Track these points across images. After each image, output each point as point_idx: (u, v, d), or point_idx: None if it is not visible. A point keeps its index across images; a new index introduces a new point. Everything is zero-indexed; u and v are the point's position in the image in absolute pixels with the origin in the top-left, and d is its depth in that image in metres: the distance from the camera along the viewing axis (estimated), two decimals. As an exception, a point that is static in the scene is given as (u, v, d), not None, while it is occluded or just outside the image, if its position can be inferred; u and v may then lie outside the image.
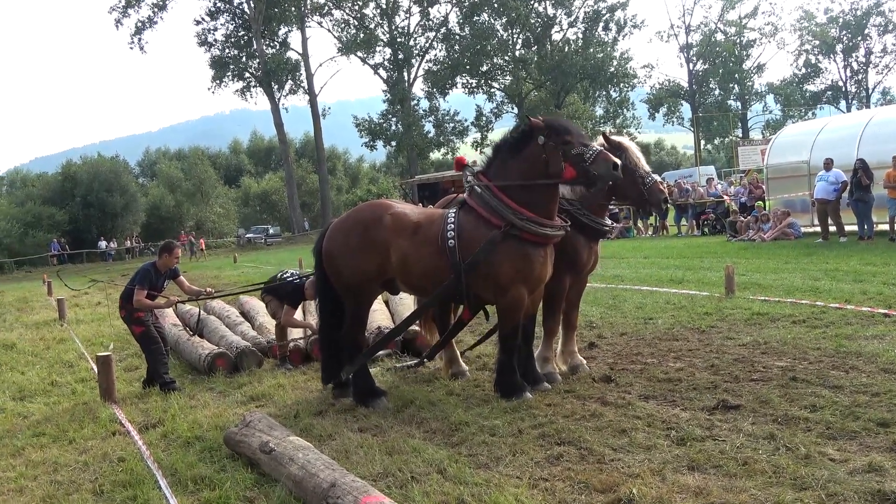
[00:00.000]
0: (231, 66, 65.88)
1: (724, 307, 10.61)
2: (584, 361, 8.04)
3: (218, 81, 66.01)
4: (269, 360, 9.79)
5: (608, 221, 8.11)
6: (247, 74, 66.51)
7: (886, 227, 18.27)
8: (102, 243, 56.80)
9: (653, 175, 7.63)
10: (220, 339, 10.38)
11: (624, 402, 6.63)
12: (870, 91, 76.13)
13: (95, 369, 9.08)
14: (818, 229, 19.83)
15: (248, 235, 65.31)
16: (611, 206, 8.56)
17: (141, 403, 8.20)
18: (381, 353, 9.00)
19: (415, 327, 9.27)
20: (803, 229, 21.04)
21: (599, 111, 73.75)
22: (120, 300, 9.01)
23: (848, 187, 18.31)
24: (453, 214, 7.08)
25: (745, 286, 12.10)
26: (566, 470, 5.11)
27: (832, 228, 19.15)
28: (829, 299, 10.48)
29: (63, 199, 58.26)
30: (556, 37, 70.00)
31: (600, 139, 7.65)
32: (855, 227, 18.70)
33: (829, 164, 18.96)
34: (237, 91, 67.50)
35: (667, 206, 7.73)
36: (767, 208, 22.75)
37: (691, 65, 75.82)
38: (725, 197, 27.20)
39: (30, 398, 9.02)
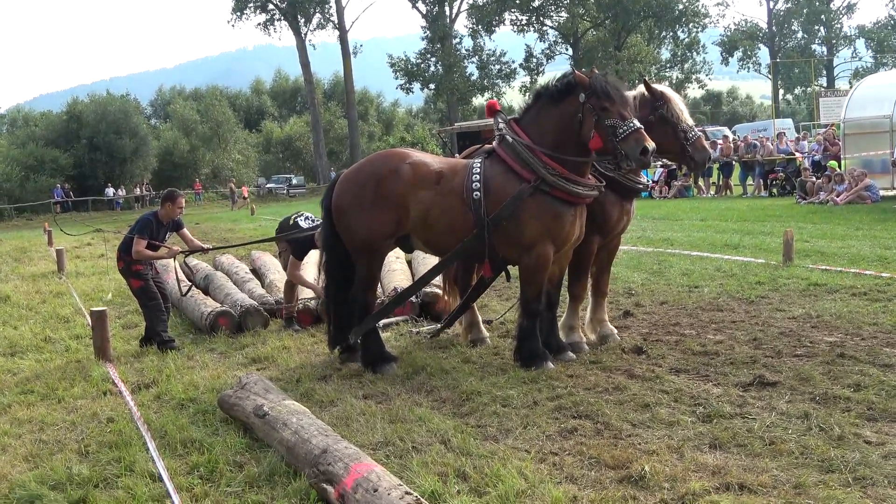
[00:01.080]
0: (253, -4, 65.98)
1: (779, 276, 10.68)
2: (615, 331, 8.19)
3: (238, 13, 66.24)
4: (275, 320, 10.06)
5: (643, 178, 8.14)
6: (270, 6, 66.58)
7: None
8: (110, 190, 57.52)
9: (696, 129, 7.63)
10: (226, 296, 10.69)
11: (652, 375, 6.80)
12: (977, 36, 74.31)
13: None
14: (900, 193, 19.64)
15: (268, 185, 65.79)
16: (664, 161, 8.66)
17: (136, 363, 8.53)
18: (395, 317, 9.22)
19: (435, 289, 9.48)
20: (882, 192, 20.83)
21: (666, 54, 72.90)
22: (118, 251, 9.27)
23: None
24: (479, 164, 7.24)
25: (806, 254, 12.14)
26: (578, 444, 5.31)
27: (914, 192, 18.97)
28: (897, 271, 10.50)
29: (68, 141, 58.92)
30: (619, -32, 69.08)
31: (641, 87, 7.73)
32: (940, 191, 18.52)
33: (913, 120, 18.74)
34: (259, 25, 67.74)
35: (710, 164, 7.89)
36: (843, 168, 22.54)
37: (771, 3, 74.49)
38: (797, 154, 26.90)
39: (21, 354, 9.38)
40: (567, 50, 70.59)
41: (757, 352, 7.32)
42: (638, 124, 6.75)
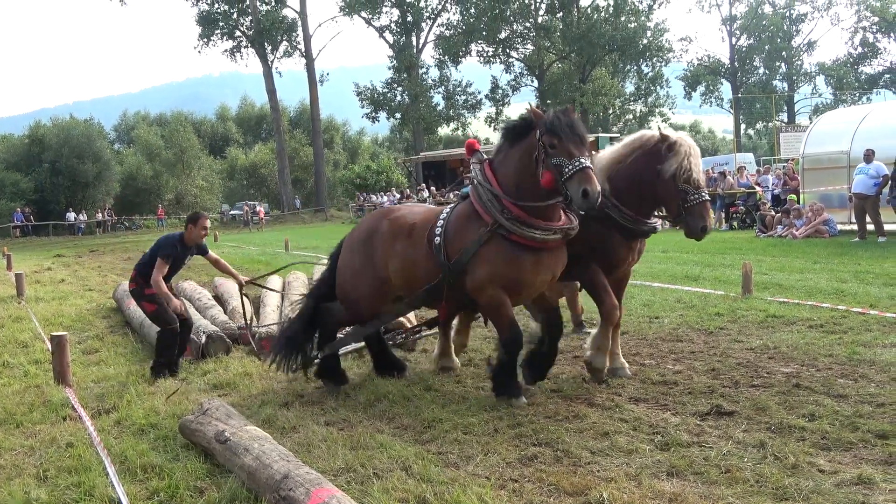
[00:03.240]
0: (220, 23, 66.16)
1: (738, 308, 10.84)
2: (627, 365, 8.02)
3: (205, 40, 66.53)
4: (237, 347, 10.05)
5: (652, 221, 7.68)
6: (237, 33, 66.83)
7: (930, 227, 18.44)
8: (71, 215, 57.17)
9: (703, 193, 7.12)
10: (188, 322, 10.65)
11: (612, 403, 6.88)
12: (934, 76, 75.88)
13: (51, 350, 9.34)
14: (856, 227, 19.99)
15: (232, 212, 65.62)
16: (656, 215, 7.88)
17: (97, 388, 8.48)
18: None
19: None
20: (840, 227, 21.20)
21: (630, 87, 73.97)
22: (134, 271, 9.05)
23: (889, 182, 18.45)
24: (448, 210, 7.30)
25: (764, 286, 12.32)
26: (538, 471, 5.36)
27: (870, 227, 19.32)
28: (853, 303, 10.69)
29: (29, 164, 58.57)
30: (584, 2, 70.01)
31: (654, 130, 7.43)
32: (895, 227, 18.86)
33: (869, 156, 19.11)
34: (226, 51, 67.88)
35: (705, 233, 7.16)
36: (801, 202, 22.91)
37: (734, 39, 75.73)
38: (757, 188, 27.30)
39: (-23, 379, 9.27)
40: (533, 82, 71.35)
41: (715, 382, 7.43)
42: (585, 163, 6.32)
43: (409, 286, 7.38)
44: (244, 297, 9.76)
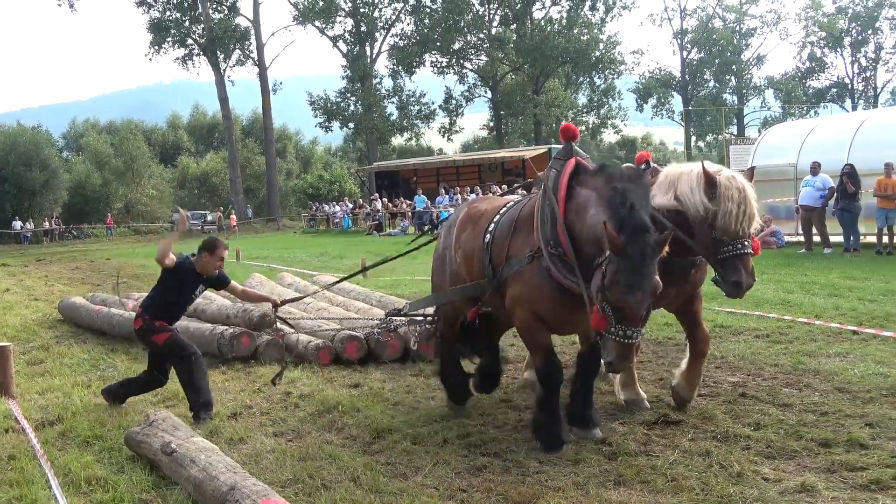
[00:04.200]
0: (172, 31, 65.59)
1: (687, 318, 10.95)
2: (645, 397, 7.24)
3: (156, 48, 65.78)
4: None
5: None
6: (189, 41, 66.26)
7: (874, 238, 18.79)
8: (17, 223, 56.21)
9: (746, 244, 5.98)
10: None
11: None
12: (878, 90, 77.43)
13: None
14: (802, 238, 20.32)
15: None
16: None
17: (41, 399, 8.34)
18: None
19: None
20: (787, 238, 21.52)
21: (582, 99, 74.46)
22: (139, 308, 7.82)
23: (835, 194, 18.79)
24: (510, 205, 6.62)
25: (712, 297, 12.34)
26: (487, 481, 5.40)
27: (816, 238, 19.65)
28: (799, 314, 10.88)
29: (-26, 172, 57.62)
30: (538, 14, 70.51)
31: (699, 165, 6.23)
32: (841, 238, 19.20)
33: (816, 169, 19.43)
34: (178, 59, 67.27)
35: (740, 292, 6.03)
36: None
37: (685, 53, 76.65)
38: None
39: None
40: (486, 93, 71.57)
41: (662, 391, 7.52)
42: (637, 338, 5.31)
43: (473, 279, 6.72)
44: (278, 320, 8.73)
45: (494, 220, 6.46)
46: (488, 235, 6.38)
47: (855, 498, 4.88)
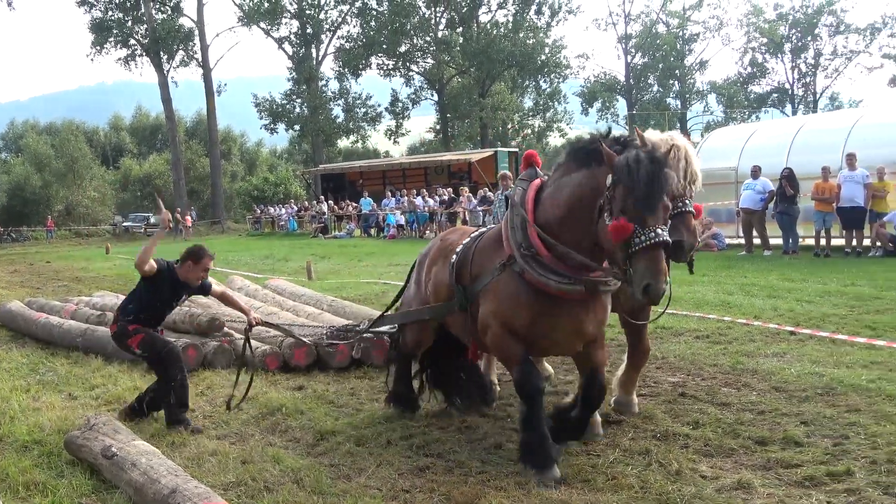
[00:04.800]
0: (114, 31, 64.71)
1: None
2: (636, 401, 7.03)
3: (98, 48, 64.84)
4: (122, 361, 9.74)
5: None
6: (132, 41, 65.42)
7: (813, 241, 19.19)
8: (-46, 226, 55.26)
9: (687, 203, 5.89)
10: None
11: (504, 414, 7.03)
12: (817, 95, 78.90)
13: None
14: (743, 241, 20.69)
15: (125, 224, 64.17)
16: None
17: (-23, 404, 8.22)
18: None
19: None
20: (728, 241, 21.88)
21: (528, 102, 74.95)
22: (116, 312, 7.56)
23: (774, 198, 19.16)
24: (480, 231, 6.64)
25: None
26: (430, 482, 5.44)
27: (757, 241, 20.02)
28: (738, 315, 11.08)
29: None
30: (484, 18, 70.81)
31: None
32: (781, 241, 19.57)
33: (756, 172, 19.81)
34: (120, 60, 66.36)
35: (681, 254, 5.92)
36: (693, 217, 23.51)
37: (629, 57, 77.55)
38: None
39: None
40: (433, 96, 71.65)
41: (603, 391, 7.62)
42: (662, 237, 4.93)
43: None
44: (248, 341, 8.17)
45: (462, 243, 6.43)
46: (454, 256, 6.34)
47: (790, 494, 5.00)
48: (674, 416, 6.71)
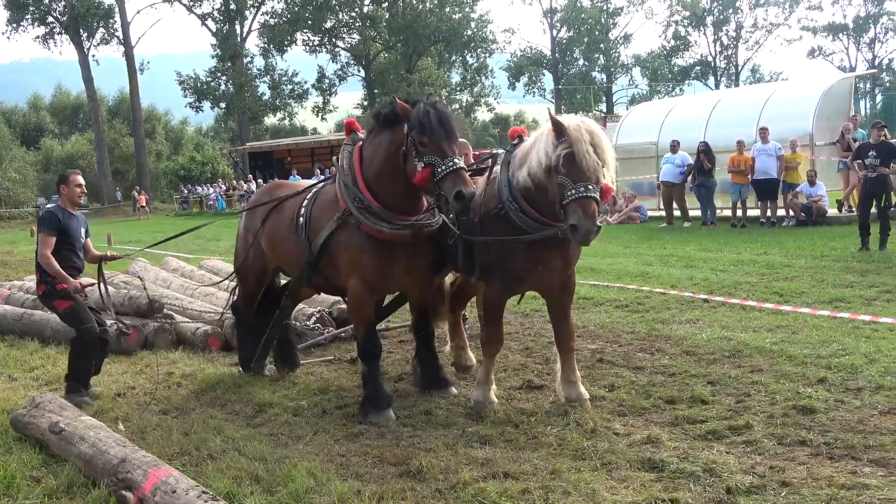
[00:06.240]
0: (31, 8, 63.18)
1: (553, 291, 11.60)
2: (587, 396, 6.68)
3: (14, 25, 63.31)
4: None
5: (573, 220, 5.62)
6: (50, 19, 63.99)
7: (730, 212, 19.96)
8: None
9: (589, 188, 5.61)
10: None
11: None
12: (739, 68, 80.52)
13: None
14: (664, 213, 21.40)
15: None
16: None
17: (-83, 388, 8.35)
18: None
19: None
20: (650, 213, 22.61)
21: (456, 77, 75.33)
22: (37, 273, 7.60)
23: (693, 171, 19.87)
24: (318, 188, 7.34)
25: (578, 270, 13.09)
26: (364, 446, 5.85)
27: (677, 213, 20.74)
28: (656, 284, 11.67)
29: None
30: (410, -7, 70.70)
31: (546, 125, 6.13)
32: (700, 213, 20.32)
33: (675, 147, 20.53)
34: (38, 38, 64.87)
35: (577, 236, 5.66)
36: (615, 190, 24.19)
37: (555, 32, 78.21)
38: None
39: None
40: (360, 72, 71.52)
41: (528, 359, 8.12)
42: (459, 164, 5.90)
43: (281, 261, 7.61)
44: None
45: (304, 204, 7.15)
46: (301, 219, 7.06)
47: (693, 447, 5.49)
48: (592, 381, 7.18)
